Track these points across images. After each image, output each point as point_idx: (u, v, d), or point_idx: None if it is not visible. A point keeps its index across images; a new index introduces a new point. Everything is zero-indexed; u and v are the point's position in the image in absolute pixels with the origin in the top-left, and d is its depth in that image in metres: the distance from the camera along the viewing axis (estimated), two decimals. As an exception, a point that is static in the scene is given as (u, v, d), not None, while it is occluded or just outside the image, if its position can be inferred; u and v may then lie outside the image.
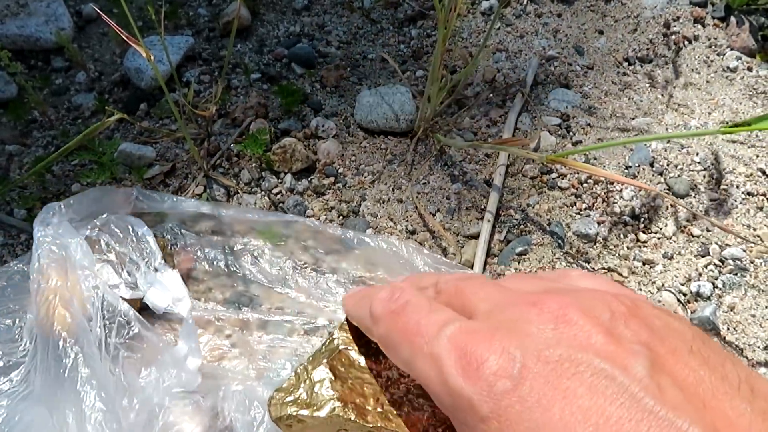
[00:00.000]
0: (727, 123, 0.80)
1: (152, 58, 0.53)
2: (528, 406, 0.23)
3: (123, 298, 0.49)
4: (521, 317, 0.27)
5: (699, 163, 0.76)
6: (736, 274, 0.67)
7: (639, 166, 0.75)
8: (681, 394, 0.22)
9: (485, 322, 0.28)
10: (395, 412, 0.40)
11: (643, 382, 0.22)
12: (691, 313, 0.64)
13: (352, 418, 0.40)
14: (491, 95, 0.81)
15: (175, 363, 0.48)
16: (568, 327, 0.25)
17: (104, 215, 0.57)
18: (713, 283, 0.66)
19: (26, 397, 0.42)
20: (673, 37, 0.89)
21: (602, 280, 0.32)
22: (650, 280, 0.66)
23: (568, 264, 0.67)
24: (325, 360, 0.43)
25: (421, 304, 0.31)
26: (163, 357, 0.48)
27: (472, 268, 0.65)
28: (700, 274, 0.66)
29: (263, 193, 0.69)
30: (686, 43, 0.89)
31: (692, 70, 0.86)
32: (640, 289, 0.66)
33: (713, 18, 0.91)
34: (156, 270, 0.57)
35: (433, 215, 0.69)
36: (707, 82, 0.85)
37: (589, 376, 0.23)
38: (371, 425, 0.40)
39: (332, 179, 0.71)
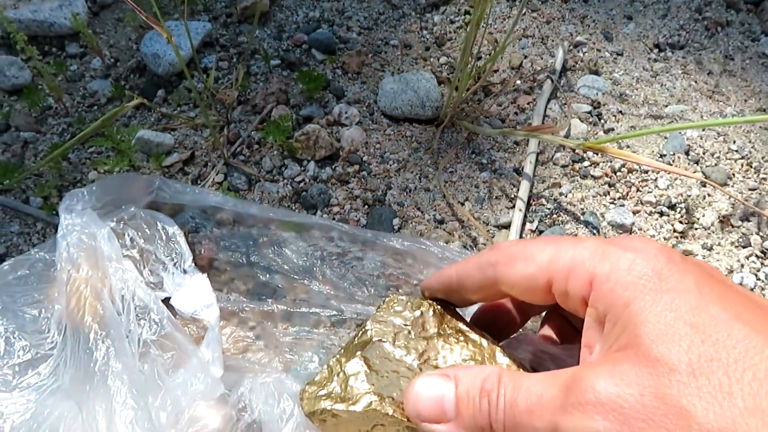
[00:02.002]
0: (765, 110, 0.77)
1: (172, 39, 0.51)
2: (692, 277, 0.27)
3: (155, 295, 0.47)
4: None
5: (736, 151, 0.73)
6: (779, 266, 0.64)
7: (674, 154, 0.72)
8: None
9: None
10: None
11: None
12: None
13: (390, 413, 0.38)
14: (519, 82, 0.79)
15: (202, 368, 0.46)
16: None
17: (131, 208, 0.54)
18: (756, 275, 0.63)
19: (55, 391, 0.39)
20: (705, 22, 0.86)
21: None
22: (689, 271, 0.63)
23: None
24: (358, 352, 0.41)
25: None
26: (191, 360, 0.46)
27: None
28: (742, 266, 0.63)
29: (286, 181, 0.67)
30: (719, 28, 0.86)
31: (726, 56, 0.83)
32: (679, 281, 0.63)
33: (746, 3, 0.88)
34: (185, 272, 0.55)
35: (462, 204, 0.66)
36: (742, 68, 0.82)
37: None
38: (409, 420, 0.38)
39: (356, 167, 0.68)
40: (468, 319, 0.41)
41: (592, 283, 0.28)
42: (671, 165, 0.71)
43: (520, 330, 0.43)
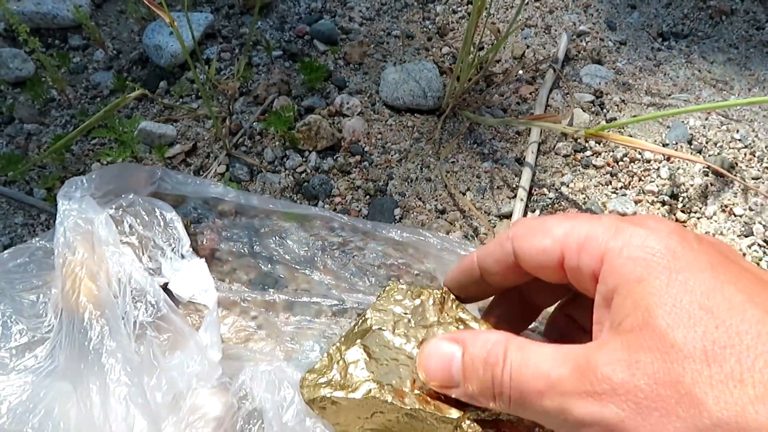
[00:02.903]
0: (769, 99, 0.77)
1: (176, 24, 0.51)
2: (707, 257, 0.27)
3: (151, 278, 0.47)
4: None
5: (739, 140, 0.72)
6: (781, 255, 0.64)
7: (677, 143, 0.72)
8: None
9: None
10: (434, 394, 0.38)
11: None
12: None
13: (389, 400, 0.38)
14: (521, 72, 0.78)
15: (199, 350, 0.46)
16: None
17: (130, 196, 0.55)
18: (758, 263, 0.63)
19: (51, 372, 0.40)
20: (710, 11, 0.85)
21: None
22: (691, 260, 0.63)
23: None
24: (358, 340, 0.41)
25: None
26: (188, 343, 0.46)
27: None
28: (745, 255, 0.63)
29: (287, 171, 0.67)
30: (723, 17, 0.85)
31: (730, 45, 0.83)
32: (681, 271, 0.63)
33: (751, -9, 0.87)
34: (183, 257, 0.55)
35: (464, 194, 0.66)
36: (746, 57, 0.81)
37: None
38: (408, 407, 0.38)
39: (358, 157, 0.69)
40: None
41: (603, 258, 0.28)
42: (674, 154, 0.71)
43: (527, 329, 0.43)
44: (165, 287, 0.52)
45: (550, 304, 0.41)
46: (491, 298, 0.42)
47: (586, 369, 0.26)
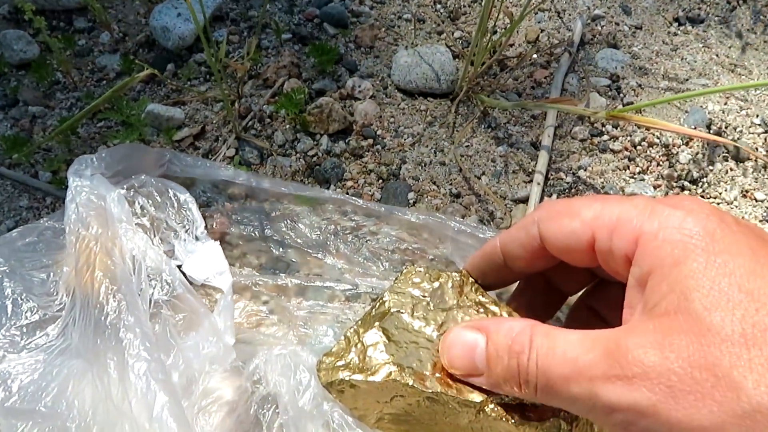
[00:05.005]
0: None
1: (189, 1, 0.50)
2: (745, 239, 0.26)
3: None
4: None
5: (759, 125, 0.71)
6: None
7: (695, 128, 0.70)
8: None
9: None
10: (456, 378, 0.37)
11: None
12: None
13: (411, 384, 0.37)
14: (535, 56, 0.77)
15: (215, 332, 0.45)
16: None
17: (142, 176, 0.53)
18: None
19: (63, 351, 0.38)
20: (727, -5, 0.84)
21: None
22: (713, 246, 0.62)
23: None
24: (376, 323, 0.40)
25: None
26: (203, 324, 0.45)
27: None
28: (767, 240, 0.62)
29: (298, 155, 0.66)
30: (740, 1, 0.84)
31: (748, 29, 0.81)
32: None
33: (769, -24, 0.86)
34: (197, 239, 0.54)
35: (479, 178, 0.65)
36: (764, 41, 0.80)
37: None
38: (430, 390, 0.36)
39: (370, 141, 0.67)
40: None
41: (638, 241, 0.27)
42: (692, 140, 0.69)
43: (551, 319, 0.42)
44: (178, 269, 0.51)
45: (574, 291, 0.40)
46: (515, 286, 0.41)
47: (616, 352, 0.25)
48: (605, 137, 0.69)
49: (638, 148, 0.68)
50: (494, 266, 0.37)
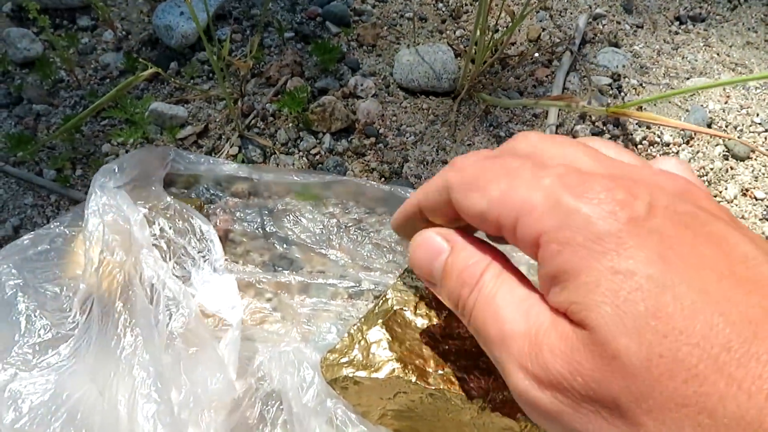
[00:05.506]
0: (789, 83, 0.75)
1: (190, 1, 0.50)
2: (655, 239, 0.22)
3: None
4: (641, 172, 0.26)
5: (760, 124, 0.71)
6: (804, 240, 0.63)
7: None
8: None
9: (598, 169, 0.26)
10: (458, 374, 0.37)
11: (763, 248, 0.23)
12: (758, 279, 0.60)
13: (414, 380, 0.37)
14: (536, 54, 0.77)
15: (221, 368, 0.45)
16: (693, 196, 0.25)
17: (168, 199, 0.53)
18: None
19: (75, 372, 0.38)
20: (728, -6, 0.84)
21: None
22: (713, 244, 0.62)
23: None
24: (380, 320, 0.40)
25: (522, 156, 0.28)
26: (212, 357, 0.45)
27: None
28: (767, 238, 0.62)
29: (301, 153, 0.66)
30: (741, 0, 0.84)
31: (749, 29, 0.81)
32: (702, 255, 0.62)
33: (770, -26, 0.86)
34: (215, 270, 0.54)
35: (480, 177, 0.65)
36: (765, 41, 0.80)
37: (717, 238, 0.22)
38: (433, 387, 0.37)
39: (373, 139, 0.67)
40: None
41: (539, 240, 0.24)
42: (693, 138, 0.70)
43: None
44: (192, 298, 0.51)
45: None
46: None
47: (533, 343, 0.24)
48: (606, 136, 0.69)
49: (639, 147, 0.68)
50: (420, 225, 0.34)
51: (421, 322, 0.40)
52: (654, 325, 0.20)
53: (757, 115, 0.72)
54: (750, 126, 0.71)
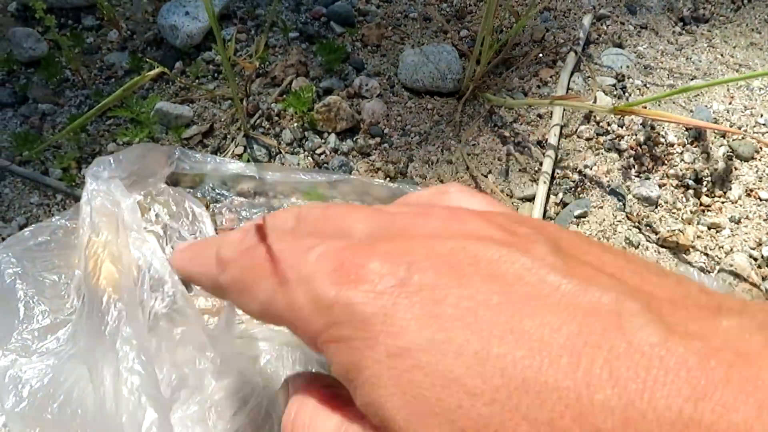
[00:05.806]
0: (793, 83, 0.76)
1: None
2: (420, 298, 0.19)
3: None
4: (407, 227, 0.23)
5: (764, 124, 0.71)
6: (808, 240, 0.63)
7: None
8: (591, 269, 0.19)
9: (365, 239, 0.23)
10: None
11: (547, 260, 0.19)
12: (762, 279, 0.60)
13: None
14: (540, 55, 0.77)
15: (212, 347, 0.45)
16: (460, 223, 0.22)
17: (162, 185, 0.53)
18: (785, 249, 0.62)
19: (72, 356, 0.39)
20: (731, -5, 0.84)
21: (486, 199, 0.27)
22: (717, 244, 0.62)
23: (630, 228, 0.63)
24: None
25: (284, 234, 0.24)
26: (201, 339, 0.45)
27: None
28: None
29: (306, 153, 0.66)
30: (745, 1, 0.84)
31: (753, 30, 0.82)
32: (707, 254, 0.62)
33: (773, -24, 0.86)
34: None
35: (486, 176, 0.65)
36: (769, 41, 0.80)
37: (487, 264, 0.19)
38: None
39: (378, 139, 0.68)
40: None
41: (317, 345, 0.21)
42: (697, 138, 0.70)
43: None
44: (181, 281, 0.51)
45: None
46: None
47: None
48: (611, 136, 0.69)
49: (643, 147, 0.68)
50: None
51: None
52: (445, 400, 0.18)
53: (761, 115, 0.72)
54: (754, 126, 0.71)
